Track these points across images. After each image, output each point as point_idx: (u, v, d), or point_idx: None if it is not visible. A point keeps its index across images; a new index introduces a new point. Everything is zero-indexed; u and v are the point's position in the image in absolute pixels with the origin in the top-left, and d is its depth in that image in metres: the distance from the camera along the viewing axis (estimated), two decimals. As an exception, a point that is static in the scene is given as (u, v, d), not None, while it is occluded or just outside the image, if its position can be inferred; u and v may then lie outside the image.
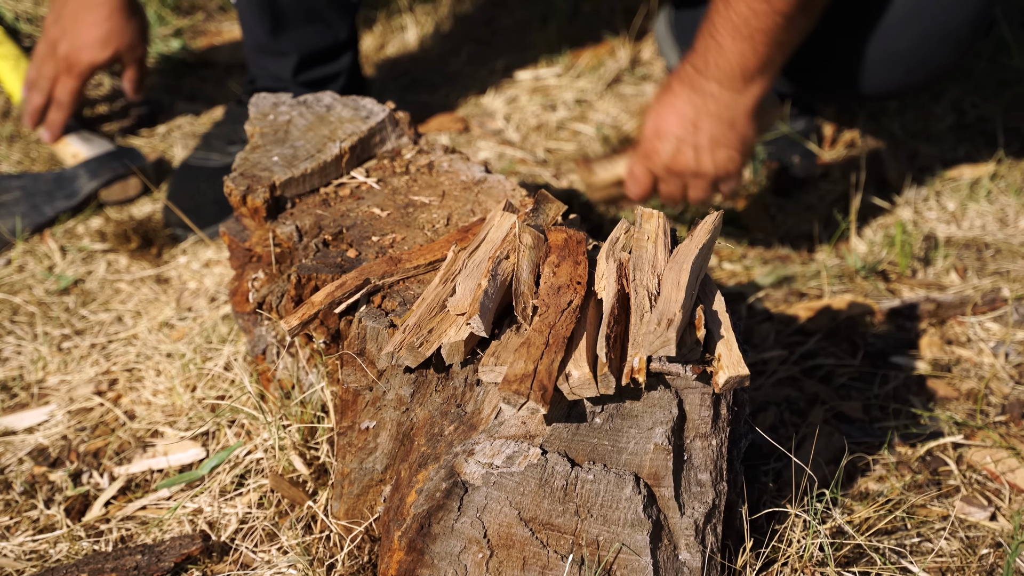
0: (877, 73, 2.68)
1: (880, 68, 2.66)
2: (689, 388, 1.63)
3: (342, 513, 1.83)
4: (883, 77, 2.70)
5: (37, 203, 2.84)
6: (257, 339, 2.06)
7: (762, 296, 2.59)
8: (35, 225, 2.80)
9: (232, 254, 2.04)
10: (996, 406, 2.27)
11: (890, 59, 2.64)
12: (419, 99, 3.50)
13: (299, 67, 2.96)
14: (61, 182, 2.88)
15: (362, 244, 1.90)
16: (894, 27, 2.58)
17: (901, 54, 2.62)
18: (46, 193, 2.86)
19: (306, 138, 2.09)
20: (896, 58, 2.63)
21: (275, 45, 2.94)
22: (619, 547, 1.62)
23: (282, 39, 2.93)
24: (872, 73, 2.68)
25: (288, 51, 2.95)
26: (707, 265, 1.74)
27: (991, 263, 2.70)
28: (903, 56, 2.62)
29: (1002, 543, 1.94)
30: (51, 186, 2.87)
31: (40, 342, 2.42)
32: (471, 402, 1.66)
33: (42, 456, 2.14)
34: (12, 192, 2.86)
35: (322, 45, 2.98)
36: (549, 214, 1.83)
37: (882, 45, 2.62)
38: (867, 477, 2.08)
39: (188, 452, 2.11)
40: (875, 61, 2.65)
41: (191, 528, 1.95)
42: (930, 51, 2.61)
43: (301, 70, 2.97)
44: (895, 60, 2.64)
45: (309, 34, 2.96)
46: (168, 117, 3.34)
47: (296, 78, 2.97)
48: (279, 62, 2.97)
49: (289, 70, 2.96)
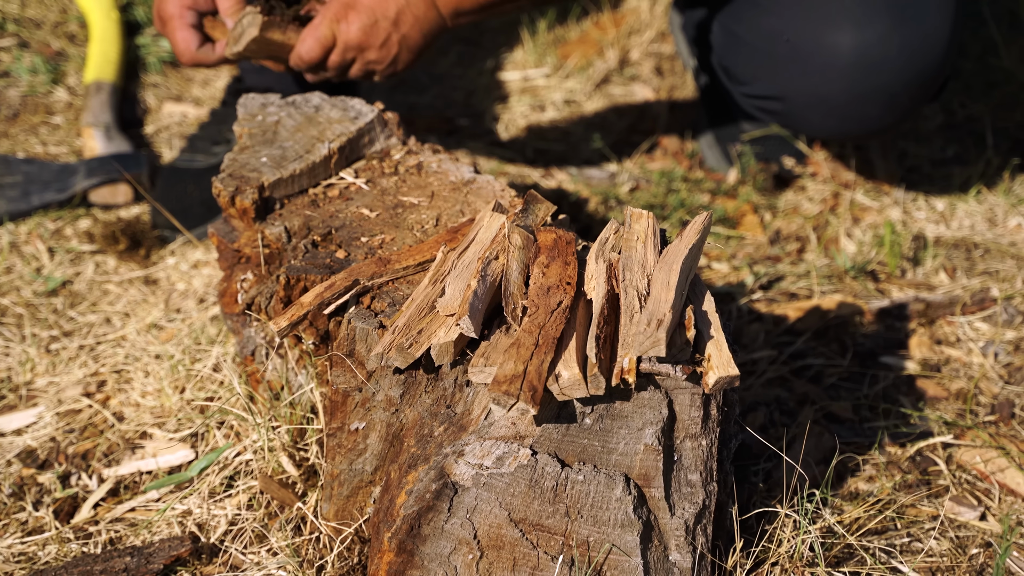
0: (814, 119, 2.69)
1: (817, 115, 2.67)
2: (679, 388, 1.63)
3: (332, 514, 1.83)
4: (820, 124, 2.71)
5: (30, 191, 2.84)
6: (246, 340, 2.05)
7: (751, 296, 2.59)
8: (16, 212, 2.80)
9: (220, 255, 2.04)
10: (985, 406, 2.27)
11: (827, 109, 2.65)
12: (407, 99, 3.50)
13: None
14: (61, 174, 2.88)
15: (351, 245, 1.90)
16: (834, 81, 2.59)
17: (837, 106, 2.63)
18: (43, 183, 2.86)
19: (295, 139, 2.09)
20: (832, 109, 2.65)
21: None
22: (609, 548, 1.62)
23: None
24: (809, 118, 2.70)
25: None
26: (697, 265, 1.74)
27: (980, 263, 2.71)
28: (839, 108, 2.64)
29: (992, 543, 1.94)
30: (51, 177, 2.87)
31: (28, 344, 2.41)
32: (461, 403, 1.65)
33: (30, 458, 2.14)
34: (16, 176, 2.86)
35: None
36: (538, 214, 1.82)
37: (821, 95, 2.64)
38: (857, 477, 2.08)
39: (177, 454, 2.10)
40: (812, 107, 2.65)
41: (180, 530, 1.94)
42: (864, 108, 2.60)
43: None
44: (831, 110, 2.65)
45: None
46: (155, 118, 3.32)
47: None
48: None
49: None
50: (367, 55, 2.38)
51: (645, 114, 3.41)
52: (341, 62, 2.38)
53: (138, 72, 3.49)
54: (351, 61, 2.40)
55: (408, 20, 2.38)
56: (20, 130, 3.21)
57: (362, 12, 2.35)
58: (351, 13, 2.34)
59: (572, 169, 3.14)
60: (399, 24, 2.37)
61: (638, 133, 3.33)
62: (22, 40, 3.56)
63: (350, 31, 2.34)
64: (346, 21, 2.34)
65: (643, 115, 3.41)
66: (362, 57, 2.39)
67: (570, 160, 3.20)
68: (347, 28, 2.34)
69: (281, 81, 2.91)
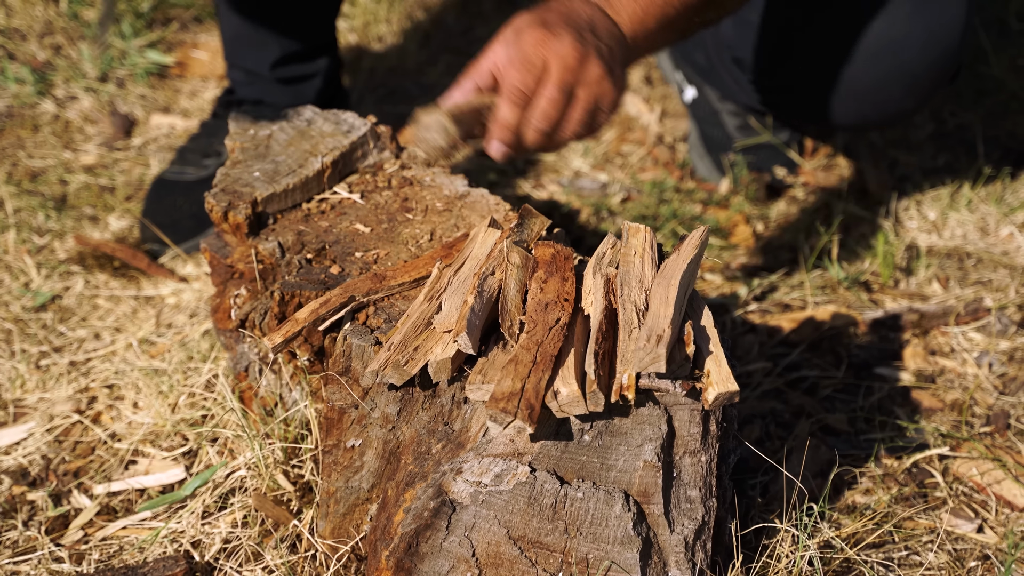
0: (835, 105, 2.69)
1: (838, 101, 2.68)
2: (678, 404, 1.62)
3: (328, 532, 1.82)
4: (840, 110, 2.72)
5: None
6: (239, 356, 2.04)
7: (745, 307, 2.59)
8: None
9: (213, 271, 2.02)
10: (981, 417, 2.26)
11: (848, 93, 2.65)
12: (397, 110, 3.49)
13: (277, 61, 2.94)
14: None
15: (345, 260, 1.89)
16: (856, 64, 2.59)
17: (859, 90, 2.64)
18: None
19: (287, 153, 2.07)
20: (854, 93, 2.66)
21: (254, 37, 2.93)
22: (608, 565, 1.61)
23: (261, 30, 2.91)
24: (830, 105, 2.70)
25: (266, 43, 2.93)
26: (695, 280, 1.73)
27: (973, 273, 2.70)
28: (861, 92, 2.64)
29: (990, 556, 1.93)
30: None
31: (18, 360, 2.39)
32: (459, 420, 1.64)
33: (22, 476, 2.12)
34: None
35: (301, 40, 2.97)
36: (533, 229, 1.81)
37: (842, 79, 2.64)
38: (854, 490, 2.07)
39: (169, 472, 2.08)
40: (833, 93, 2.66)
41: (174, 549, 1.92)
42: (887, 91, 2.61)
43: (279, 64, 2.95)
44: (853, 95, 2.65)
45: (288, 27, 2.94)
46: (143, 130, 3.31)
47: (273, 72, 2.95)
48: (256, 55, 2.95)
49: (266, 64, 2.94)
50: (588, 74, 1.74)
51: (635, 124, 3.41)
52: (560, 96, 1.73)
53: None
54: (570, 93, 1.75)
55: (603, 31, 1.79)
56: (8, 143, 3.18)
57: (559, 18, 1.74)
58: (548, 19, 1.73)
59: (563, 180, 3.13)
60: (599, 34, 1.77)
61: (628, 143, 3.33)
62: (8, 51, 3.54)
63: (562, 44, 1.70)
64: (548, 31, 1.71)
65: (633, 125, 3.40)
66: (584, 83, 1.74)
67: (561, 171, 3.19)
68: (556, 43, 1.71)
69: (272, 94, 2.91)
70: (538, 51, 1.70)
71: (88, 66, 3.46)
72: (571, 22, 1.72)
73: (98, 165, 3.12)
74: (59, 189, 3.00)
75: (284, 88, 2.95)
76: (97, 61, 3.48)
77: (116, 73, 3.50)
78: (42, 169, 3.08)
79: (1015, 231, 2.83)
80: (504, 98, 1.73)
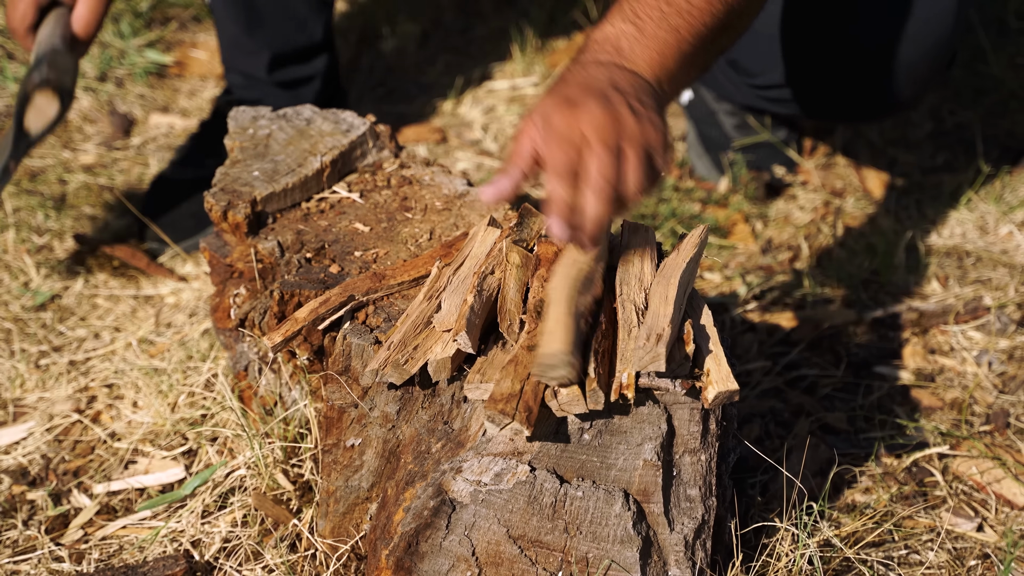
0: (834, 100, 2.70)
1: (838, 95, 2.68)
2: (678, 403, 1.62)
3: (328, 531, 1.82)
4: (840, 104, 2.72)
5: None
6: (239, 355, 2.04)
7: (744, 306, 2.59)
8: None
9: (213, 270, 2.02)
10: (980, 415, 2.26)
11: (847, 86, 2.67)
12: (395, 109, 3.48)
13: (273, 64, 2.95)
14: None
15: (345, 259, 1.89)
16: (850, 57, 2.60)
17: (856, 85, 2.65)
18: None
19: (287, 152, 2.07)
20: (850, 88, 2.67)
21: (250, 41, 2.93)
22: (608, 564, 1.61)
23: (257, 35, 2.92)
24: (829, 99, 2.70)
25: (263, 48, 2.93)
26: (694, 279, 1.74)
27: (972, 271, 2.70)
28: (857, 87, 2.66)
29: (990, 555, 1.93)
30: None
31: (17, 359, 2.39)
32: (458, 419, 1.64)
33: (21, 475, 2.12)
34: None
35: (297, 43, 2.97)
36: (533, 228, 1.81)
37: (837, 74, 2.65)
38: (853, 489, 2.07)
39: (168, 472, 2.08)
40: (830, 89, 2.66)
41: (174, 548, 1.92)
42: (886, 82, 2.62)
43: (275, 68, 2.95)
44: (852, 87, 2.67)
45: (284, 31, 2.94)
46: (141, 129, 3.31)
47: (271, 76, 2.95)
48: (253, 59, 2.95)
49: (263, 68, 2.95)
50: (626, 129, 1.67)
51: (634, 123, 3.40)
52: (607, 156, 1.64)
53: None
54: (617, 151, 1.65)
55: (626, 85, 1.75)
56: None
57: (580, 90, 1.72)
58: (570, 95, 1.71)
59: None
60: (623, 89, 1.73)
61: (628, 142, 3.32)
62: (7, 51, 3.54)
63: (591, 113, 1.67)
64: (574, 107, 1.68)
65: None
66: (626, 137, 1.67)
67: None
68: (586, 114, 1.67)
69: (270, 97, 2.91)
70: (572, 127, 1.66)
71: (87, 65, 3.46)
72: (592, 89, 1.71)
73: (97, 164, 3.12)
74: (58, 188, 3.00)
75: (282, 91, 2.95)
76: (96, 60, 3.48)
77: (115, 72, 3.50)
78: (41, 168, 3.08)
79: (1014, 229, 2.83)
80: (551, 175, 1.67)
